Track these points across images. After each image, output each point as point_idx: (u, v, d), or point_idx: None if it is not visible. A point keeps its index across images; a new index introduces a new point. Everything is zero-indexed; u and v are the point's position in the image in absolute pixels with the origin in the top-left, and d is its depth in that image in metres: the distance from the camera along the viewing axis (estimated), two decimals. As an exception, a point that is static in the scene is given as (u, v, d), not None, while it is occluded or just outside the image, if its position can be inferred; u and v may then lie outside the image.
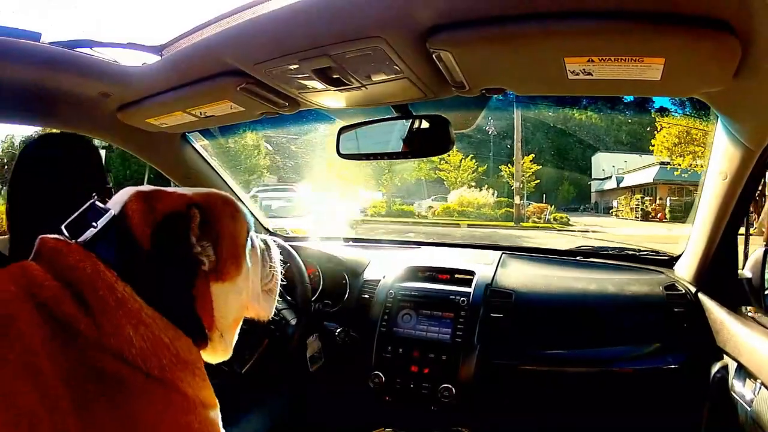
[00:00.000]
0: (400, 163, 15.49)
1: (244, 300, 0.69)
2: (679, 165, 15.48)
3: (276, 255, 0.82)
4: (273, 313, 0.80)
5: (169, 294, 0.57)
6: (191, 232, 0.59)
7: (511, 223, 15.20)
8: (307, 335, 1.47)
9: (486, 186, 16.93)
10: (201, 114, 1.17)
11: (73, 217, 0.58)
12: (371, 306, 1.49)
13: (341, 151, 1.20)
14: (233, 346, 0.70)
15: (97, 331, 0.50)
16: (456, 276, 1.51)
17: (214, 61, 0.94)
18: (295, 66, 0.88)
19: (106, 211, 0.58)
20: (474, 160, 17.32)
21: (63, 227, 0.57)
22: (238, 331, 0.70)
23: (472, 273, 1.47)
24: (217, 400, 0.61)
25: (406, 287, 1.48)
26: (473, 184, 17.04)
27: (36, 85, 1.07)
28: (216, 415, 0.59)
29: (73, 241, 0.56)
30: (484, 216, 15.80)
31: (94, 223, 0.57)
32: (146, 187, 0.63)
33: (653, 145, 16.33)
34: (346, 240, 1.97)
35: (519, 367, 1.33)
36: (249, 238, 0.70)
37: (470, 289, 1.41)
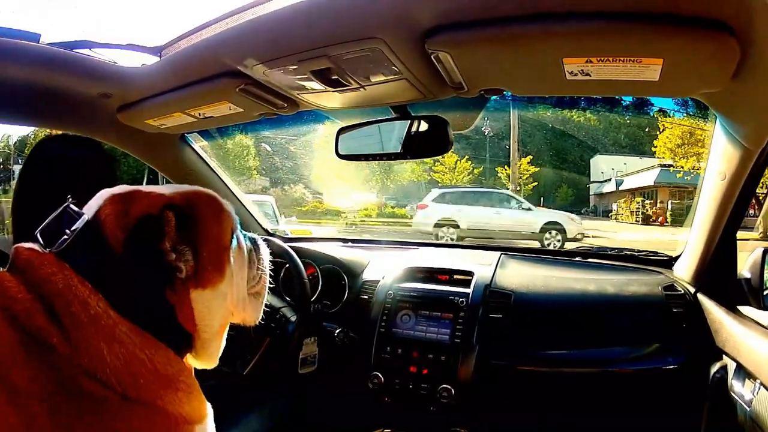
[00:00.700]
0: (397, 164, 15.23)
1: (228, 306, 0.65)
2: (682, 167, 15.09)
3: (265, 255, 0.77)
4: (260, 317, 0.75)
5: (143, 304, 0.54)
6: (166, 236, 0.55)
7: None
8: (307, 335, 1.47)
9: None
10: (200, 115, 1.17)
11: (46, 222, 0.55)
12: (370, 306, 1.49)
13: (340, 152, 1.21)
14: (221, 351, 0.67)
15: (70, 348, 0.48)
16: (455, 277, 1.51)
17: (214, 62, 0.94)
18: (294, 67, 0.88)
19: (80, 215, 0.55)
20: (470, 162, 16.81)
21: (37, 233, 0.55)
22: (224, 338, 0.67)
23: (471, 273, 1.47)
24: (204, 412, 0.58)
25: (405, 288, 1.48)
26: (469, 186, 16.72)
27: (35, 86, 1.07)
28: (202, 429, 0.57)
29: (47, 250, 0.53)
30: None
31: (67, 230, 0.54)
32: (123, 188, 0.60)
33: (655, 146, 15.94)
34: (345, 241, 1.97)
35: (518, 367, 1.33)
36: (234, 238, 0.66)
37: (469, 290, 1.41)
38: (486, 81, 0.89)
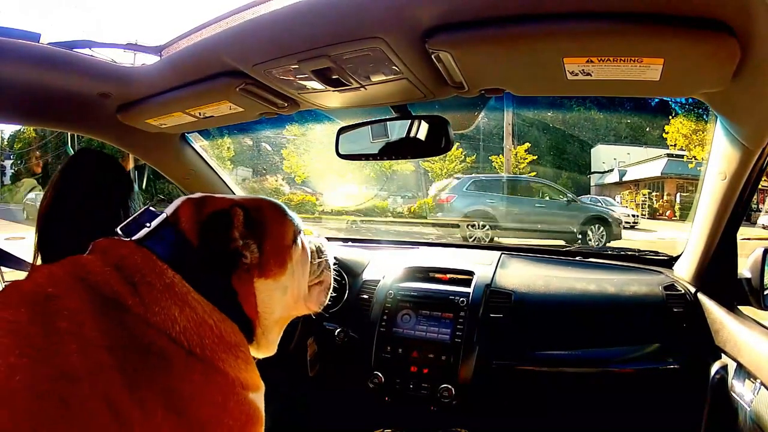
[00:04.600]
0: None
1: (288, 299, 0.72)
2: (695, 157, 13.81)
3: (329, 253, 0.85)
4: (324, 304, 0.82)
5: (212, 283, 0.61)
6: (234, 227, 0.63)
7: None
8: (308, 336, 1.47)
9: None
10: (200, 114, 1.17)
11: (128, 220, 0.64)
12: (371, 306, 1.49)
13: (340, 152, 1.20)
14: (276, 345, 0.74)
15: (144, 308, 0.55)
16: (455, 276, 1.51)
17: (214, 61, 0.94)
18: (295, 67, 0.88)
19: (160, 213, 0.65)
20: (461, 149, 15.66)
21: (118, 229, 0.63)
22: (281, 331, 0.74)
23: (471, 273, 1.47)
24: (259, 383, 0.64)
25: (405, 287, 1.48)
26: (460, 176, 15.93)
27: (35, 86, 1.07)
28: (257, 397, 0.63)
29: (127, 239, 0.61)
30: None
31: (147, 224, 0.63)
32: (196, 195, 0.69)
33: (667, 132, 14.77)
34: (345, 240, 1.97)
35: (518, 367, 1.33)
36: (298, 240, 0.73)
37: (470, 290, 1.41)
38: (486, 81, 0.89)
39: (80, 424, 0.45)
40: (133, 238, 0.61)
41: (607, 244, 8.48)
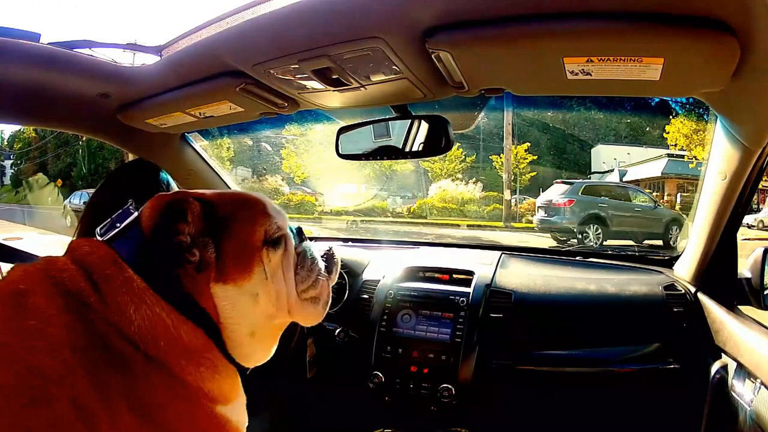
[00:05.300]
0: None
1: (265, 308, 0.63)
2: (695, 157, 13.78)
3: (320, 261, 0.73)
4: (318, 321, 0.73)
5: (163, 282, 0.57)
6: (184, 223, 0.58)
7: (500, 224, 13.22)
8: (308, 336, 1.47)
9: (473, 179, 15.47)
10: (200, 114, 1.17)
11: (106, 222, 0.63)
12: (371, 306, 1.49)
13: (340, 152, 1.21)
14: (266, 355, 0.68)
15: (103, 305, 0.53)
16: (455, 276, 1.51)
17: (214, 61, 0.94)
18: (295, 66, 0.88)
19: (133, 213, 0.63)
20: (461, 149, 15.80)
21: (97, 230, 0.62)
22: (268, 342, 0.68)
23: (471, 273, 1.47)
24: (230, 395, 0.60)
25: (405, 287, 1.48)
26: (459, 176, 15.64)
27: (35, 86, 1.07)
28: (227, 410, 0.59)
29: (97, 239, 0.60)
30: (471, 214, 14.29)
31: (117, 224, 0.61)
32: (171, 192, 0.67)
33: (667, 132, 14.77)
34: (345, 240, 1.97)
35: (518, 367, 1.33)
36: (281, 242, 0.65)
37: (470, 290, 1.41)
38: (486, 80, 0.89)
39: (48, 423, 0.45)
40: (103, 238, 0.60)
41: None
